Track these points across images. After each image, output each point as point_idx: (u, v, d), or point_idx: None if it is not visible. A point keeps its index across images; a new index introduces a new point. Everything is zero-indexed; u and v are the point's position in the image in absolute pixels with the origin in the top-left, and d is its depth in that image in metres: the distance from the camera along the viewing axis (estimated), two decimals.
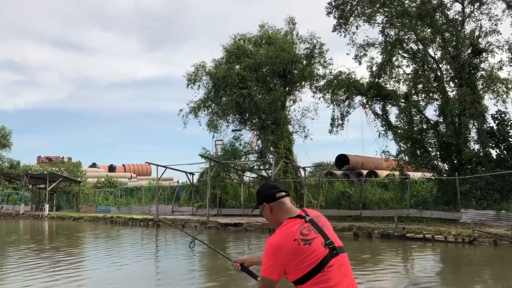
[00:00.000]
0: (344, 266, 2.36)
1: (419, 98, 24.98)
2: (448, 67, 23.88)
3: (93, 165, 68.63)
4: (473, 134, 22.93)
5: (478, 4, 23.22)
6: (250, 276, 2.90)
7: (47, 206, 38.71)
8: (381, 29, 25.05)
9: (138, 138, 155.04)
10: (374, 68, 25.30)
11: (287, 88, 31.51)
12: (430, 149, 23.96)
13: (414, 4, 23.95)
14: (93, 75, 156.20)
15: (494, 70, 23.09)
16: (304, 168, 31.48)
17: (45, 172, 41.84)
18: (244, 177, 33.73)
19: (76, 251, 17.88)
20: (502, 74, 23.19)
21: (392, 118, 25.19)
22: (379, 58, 25.26)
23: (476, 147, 23.00)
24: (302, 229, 2.33)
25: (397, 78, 25.48)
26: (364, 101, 26.77)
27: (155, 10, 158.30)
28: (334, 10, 25.51)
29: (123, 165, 74.15)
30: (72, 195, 44.66)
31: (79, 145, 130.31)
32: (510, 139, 21.90)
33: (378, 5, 24.43)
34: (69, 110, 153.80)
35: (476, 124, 22.71)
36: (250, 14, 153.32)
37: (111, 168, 69.43)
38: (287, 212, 2.46)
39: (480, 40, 23.23)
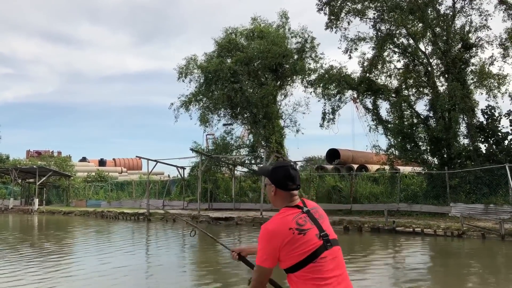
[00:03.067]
0: (337, 259, 2.39)
1: (410, 93, 25.12)
2: (439, 62, 24.02)
3: (83, 159, 68.16)
4: (463, 128, 23.17)
5: None
6: (247, 265, 2.94)
7: (36, 201, 38.41)
8: (372, 24, 25.12)
9: (128, 132, 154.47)
10: (365, 63, 25.36)
11: (278, 83, 31.49)
12: (420, 143, 24.12)
13: None
14: (83, 68, 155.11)
15: (486, 65, 23.26)
16: (295, 162, 31.50)
17: (34, 166, 41.50)
18: (236, 171, 33.77)
19: (66, 245, 17.78)
20: (494, 69, 23.42)
21: (383, 112, 25.36)
22: (370, 53, 25.37)
23: (466, 141, 23.25)
24: (298, 219, 2.36)
25: (388, 72, 25.60)
26: (355, 95, 26.87)
27: (146, 3, 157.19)
28: (325, 6, 25.51)
29: (114, 159, 73.75)
30: (62, 189, 44.34)
31: (69, 139, 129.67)
32: (499, 133, 22.11)
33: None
34: (58, 104, 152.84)
35: (465, 119, 22.90)
36: (242, 7, 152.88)
37: (102, 162, 69.02)
38: (288, 201, 2.48)
39: (470, 35, 23.39)
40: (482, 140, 22.64)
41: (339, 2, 25.17)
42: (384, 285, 9.69)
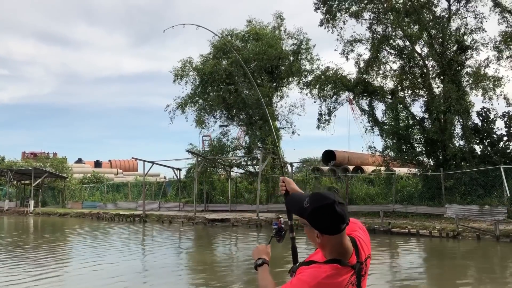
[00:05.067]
0: None
1: (406, 95, 25.20)
2: (434, 63, 24.10)
3: (79, 160, 67.87)
4: (458, 130, 23.23)
5: (464, 1, 23.50)
6: (287, 210, 2.57)
7: (32, 202, 38.23)
8: (368, 26, 25.20)
9: (124, 133, 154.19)
10: (361, 64, 25.44)
11: (274, 84, 31.52)
12: (415, 145, 24.19)
13: (402, 1, 24.10)
14: (79, 69, 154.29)
15: (481, 68, 23.35)
16: (291, 164, 31.60)
17: (30, 168, 41.32)
18: (232, 173, 33.74)
19: (62, 247, 17.72)
20: (489, 71, 23.51)
21: (379, 114, 25.43)
22: (366, 54, 25.44)
23: (461, 143, 23.31)
24: (349, 286, 1.88)
25: (384, 74, 25.66)
26: (351, 97, 26.93)
27: (142, 4, 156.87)
28: (322, 5, 25.58)
29: (110, 160, 73.49)
30: (57, 191, 44.19)
31: (65, 141, 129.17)
32: (494, 135, 22.22)
33: (365, 1, 24.59)
34: (54, 105, 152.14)
35: (461, 120, 22.98)
36: (238, 8, 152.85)
37: (97, 164, 68.79)
38: (340, 251, 1.91)
39: (465, 37, 23.50)
40: (477, 141, 22.74)
41: (336, 2, 25.23)
42: (379, 285, 9.71)
